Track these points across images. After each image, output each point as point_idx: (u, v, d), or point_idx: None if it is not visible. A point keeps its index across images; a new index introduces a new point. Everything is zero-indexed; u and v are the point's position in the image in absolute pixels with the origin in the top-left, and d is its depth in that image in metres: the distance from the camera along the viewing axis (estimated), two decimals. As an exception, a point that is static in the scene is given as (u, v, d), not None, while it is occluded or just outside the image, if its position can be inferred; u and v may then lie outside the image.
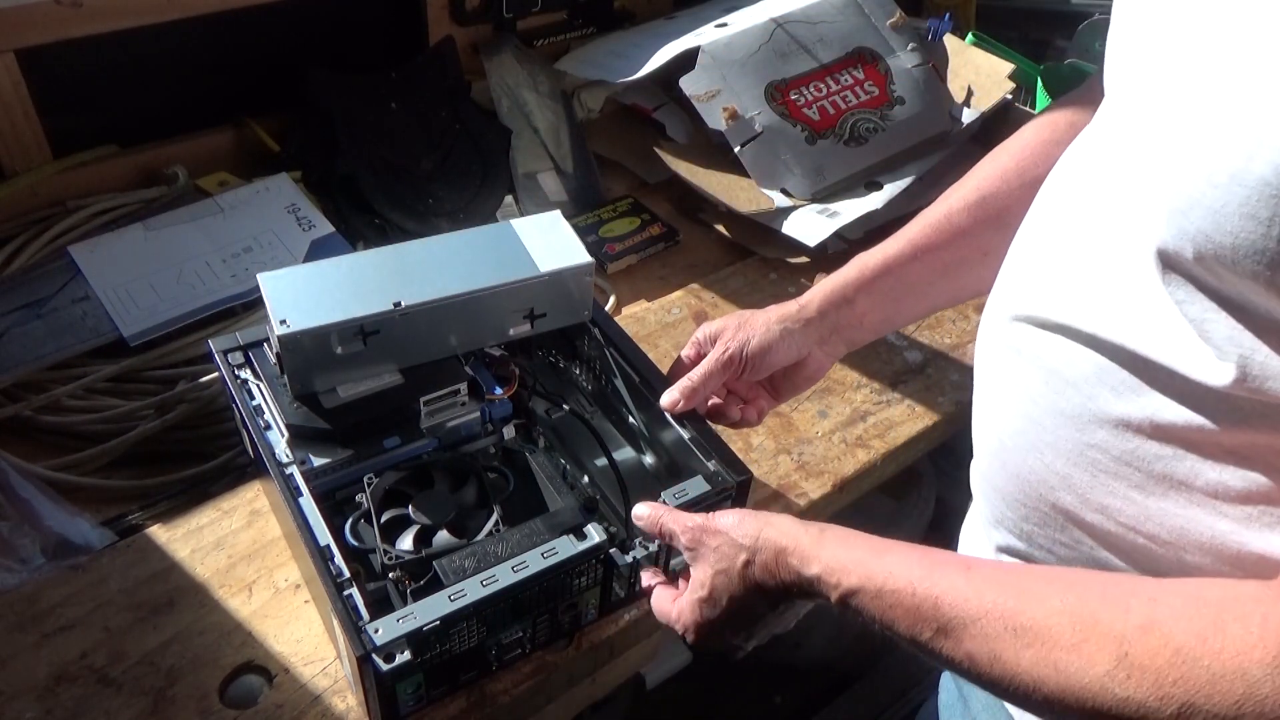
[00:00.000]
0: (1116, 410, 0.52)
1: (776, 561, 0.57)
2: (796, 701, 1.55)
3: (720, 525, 0.61)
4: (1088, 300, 0.54)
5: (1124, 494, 0.53)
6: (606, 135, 1.29)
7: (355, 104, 1.15)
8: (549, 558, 0.66)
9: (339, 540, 0.66)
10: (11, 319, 0.90)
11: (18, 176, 1.03)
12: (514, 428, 0.83)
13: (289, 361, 0.73)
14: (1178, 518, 0.51)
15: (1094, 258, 0.54)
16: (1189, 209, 0.45)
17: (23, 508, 0.77)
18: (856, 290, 0.77)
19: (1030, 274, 0.59)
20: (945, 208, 0.76)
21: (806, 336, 0.77)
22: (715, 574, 0.60)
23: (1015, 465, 0.59)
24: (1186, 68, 0.47)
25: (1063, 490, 0.56)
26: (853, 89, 1.23)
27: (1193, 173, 0.44)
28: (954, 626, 0.48)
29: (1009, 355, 0.60)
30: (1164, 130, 0.48)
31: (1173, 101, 0.48)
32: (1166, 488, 0.51)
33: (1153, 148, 0.48)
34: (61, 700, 0.67)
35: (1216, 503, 0.50)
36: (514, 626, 0.68)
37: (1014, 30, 1.60)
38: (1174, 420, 0.49)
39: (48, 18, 0.97)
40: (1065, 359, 0.55)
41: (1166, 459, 0.50)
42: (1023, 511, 0.60)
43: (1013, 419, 0.59)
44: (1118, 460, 0.52)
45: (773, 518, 0.60)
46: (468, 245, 0.82)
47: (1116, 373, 0.52)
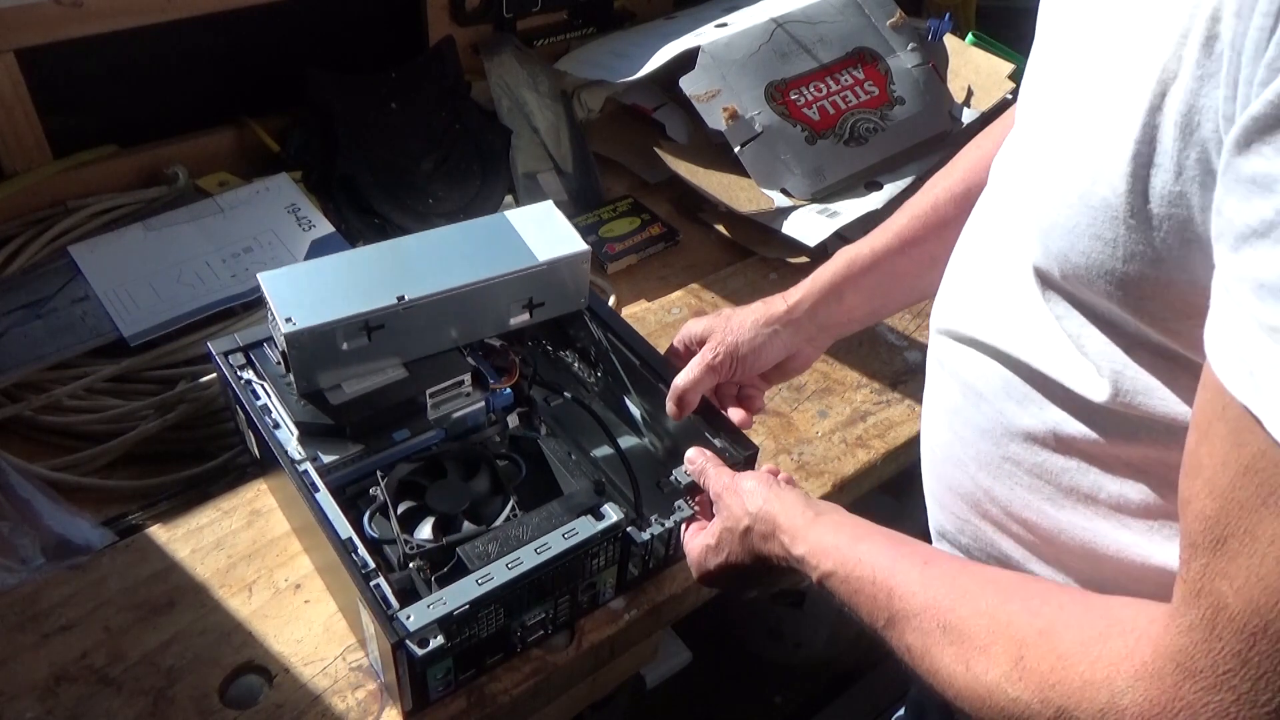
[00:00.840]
0: (1022, 423, 0.54)
1: (771, 535, 0.60)
2: (796, 701, 1.55)
3: (740, 486, 0.64)
4: (989, 315, 0.56)
5: (1038, 507, 0.55)
6: (606, 135, 1.29)
7: (355, 104, 1.15)
8: (570, 538, 0.68)
9: (359, 533, 0.67)
10: (11, 319, 0.90)
11: (18, 176, 1.03)
12: (517, 416, 0.83)
13: (295, 359, 0.73)
14: (1086, 530, 0.52)
15: (993, 274, 0.56)
16: (1050, 230, 0.47)
17: (23, 508, 0.77)
18: (845, 286, 0.77)
19: (950, 288, 0.61)
20: (931, 199, 0.76)
21: (795, 335, 0.78)
22: (723, 529, 0.64)
23: (946, 477, 0.61)
24: (1058, 96, 0.49)
25: (987, 502, 0.58)
26: (853, 89, 1.23)
27: (1052, 195, 0.47)
28: (899, 618, 0.49)
29: (935, 367, 0.62)
30: (1036, 155, 0.50)
31: (1044, 128, 0.50)
32: (1075, 501, 0.52)
33: (1028, 171, 0.51)
34: (61, 700, 0.67)
35: (1120, 515, 0.51)
36: (536, 608, 0.69)
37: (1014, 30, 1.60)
38: (1072, 434, 0.51)
39: (48, 18, 0.97)
40: (977, 372, 0.57)
41: (1071, 472, 0.52)
42: (957, 523, 0.62)
43: (940, 431, 0.61)
44: (1030, 473, 0.54)
45: (784, 492, 0.62)
46: (465, 238, 0.83)
47: (1020, 386, 0.53)
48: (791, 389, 0.97)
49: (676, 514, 0.73)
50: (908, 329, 1.05)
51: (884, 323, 1.06)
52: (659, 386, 0.81)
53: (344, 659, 0.71)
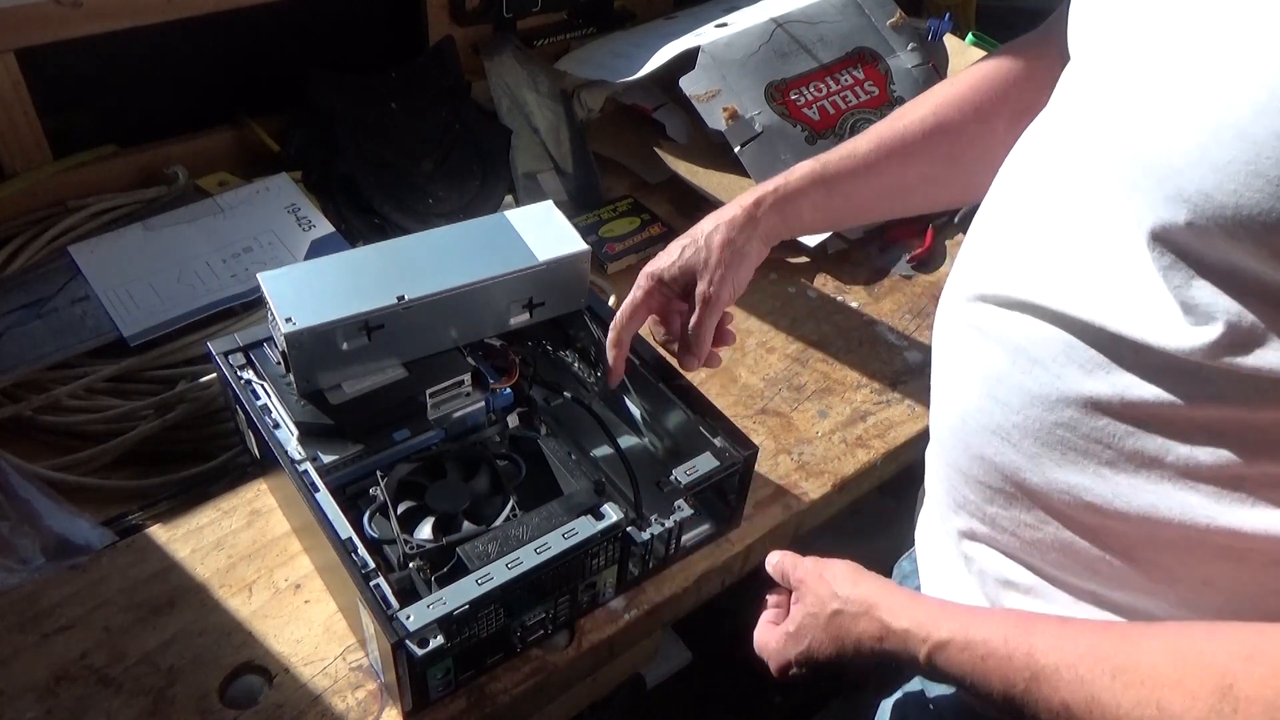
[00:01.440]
0: (1085, 388, 0.51)
1: (865, 614, 0.57)
2: (796, 701, 1.55)
3: (827, 572, 0.61)
4: (1057, 277, 0.53)
5: (1094, 471, 0.52)
6: (606, 135, 1.29)
7: (355, 104, 1.15)
8: (570, 538, 0.68)
9: (359, 533, 0.68)
10: (11, 319, 0.90)
11: (18, 176, 1.03)
12: (517, 416, 0.83)
13: (295, 359, 0.74)
14: (1148, 494, 0.50)
15: (1065, 232, 0.53)
16: (1187, 168, 0.43)
17: (23, 508, 0.77)
18: (805, 205, 0.78)
19: (995, 252, 0.59)
20: (901, 128, 0.76)
21: (759, 243, 0.79)
22: (806, 615, 0.61)
23: (979, 445, 0.58)
24: (1172, 25, 0.46)
25: (1029, 470, 0.55)
26: (853, 89, 1.23)
27: (1191, 130, 0.43)
28: (1048, 674, 0.46)
29: (971, 335, 0.59)
30: (1151, 90, 0.47)
31: (1158, 60, 0.47)
32: (1136, 465, 0.50)
33: (1138, 110, 0.47)
34: (61, 700, 0.67)
35: (1187, 479, 0.49)
36: (536, 608, 0.69)
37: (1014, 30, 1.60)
38: (1144, 397, 0.49)
39: (48, 18, 0.97)
40: (1032, 337, 0.54)
41: (1137, 436, 0.50)
42: (985, 493, 0.59)
43: (975, 399, 0.59)
44: (1086, 438, 0.52)
45: (876, 576, 0.59)
46: (465, 237, 0.83)
47: (1085, 350, 0.51)
48: (791, 389, 0.97)
49: (676, 514, 0.73)
50: (908, 329, 1.05)
51: (884, 322, 1.06)
52: (659, 386, 0.81)
53: (344, 659, 0.71)
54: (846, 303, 1.08)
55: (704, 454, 0.76)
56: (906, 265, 1.15)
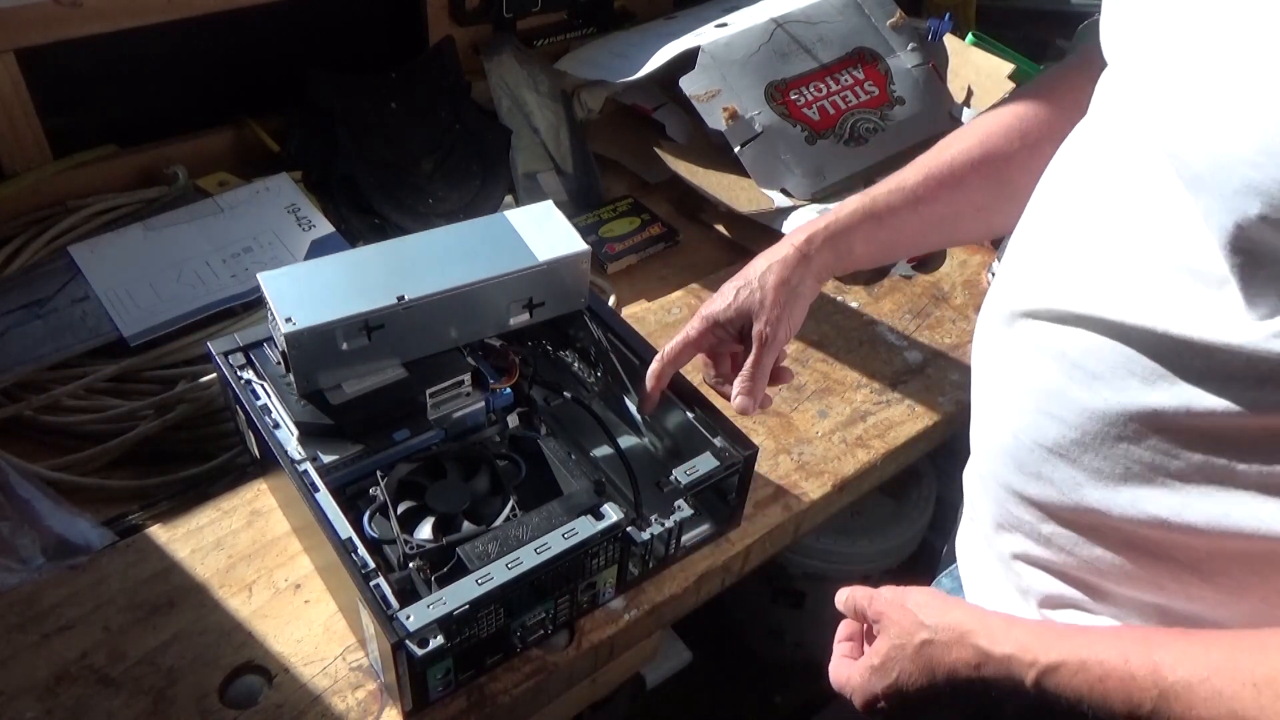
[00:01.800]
0: (1149, 400, 0.50)
1: (960, 642, 0.54)
2: (796, 701, 1.55)
3: (909, 601, 0.59)
4: (1113, 285, 0.52)
5: (1160, 484, 0.51)
6: (606, 135, 1.29)
7: (355, 104, 1.15)
8: (570, 538, 0.68)
9: (359, 533, 0.67)
10: (11, 319, 0.90)
11: (18, 176, 1.03)
12: (517, 416, 0.83)
13: (295, 359, 0.74)
14: (1218, 505, 0.49)
15: (1120, 239, 0.52)
16: (1259, 158, 0.42)
17: (23, 508, 0.77)
18: (856, 239, 0.77)
19: (1042, 267, 0.58)
20: (948, 159, 0.75)
21: (812, 281, 0.78)
22: (892, 646, 0.58)
23: (1034, 464, 0.57)
24: (1216, 20, 0.45)
25: (1089, 486, 0.54)
26: (853, 89, 1.23)
27: (1259, 119, 0.42)
28: (1179, 690, 0.44)
29: (1020, 352, 0.58)
30: (1205, 85, 0.46)
31: (1206, 55, 0.46)
32: (1205, 476, 0.49)
33: (1195, 106, 0.46)
34: (61, 700, 0.67)
35: (1258, 489, 0.48)
36: (536, 608, 0.69)
37: (1014, 30, 1.60)
38: (1210, 407, 0.48)
39: (48, 18, 0.97)
40: (1089, 351, 0.53)
41: (1204, 446, 0.49)
42: (1040, 513, 0.58)
43: (1028, 416, 0.57)
44: (1153, 450, 0.51)
45: (963, 603, 0.58)
46: (465, 237, 0.83)
47: (1146, 361, 0.50)
48: (791, 389, 0.97)
49: (676, 514, 0.73)
50: (908, 329, 1.05)
51: (884, 322, 1.06)
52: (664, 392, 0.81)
53: (344, 659, 0.71)
54: (846, 303, 1.08)
55: (704, 454, 0.76)
56: (906, 265, 1.15)
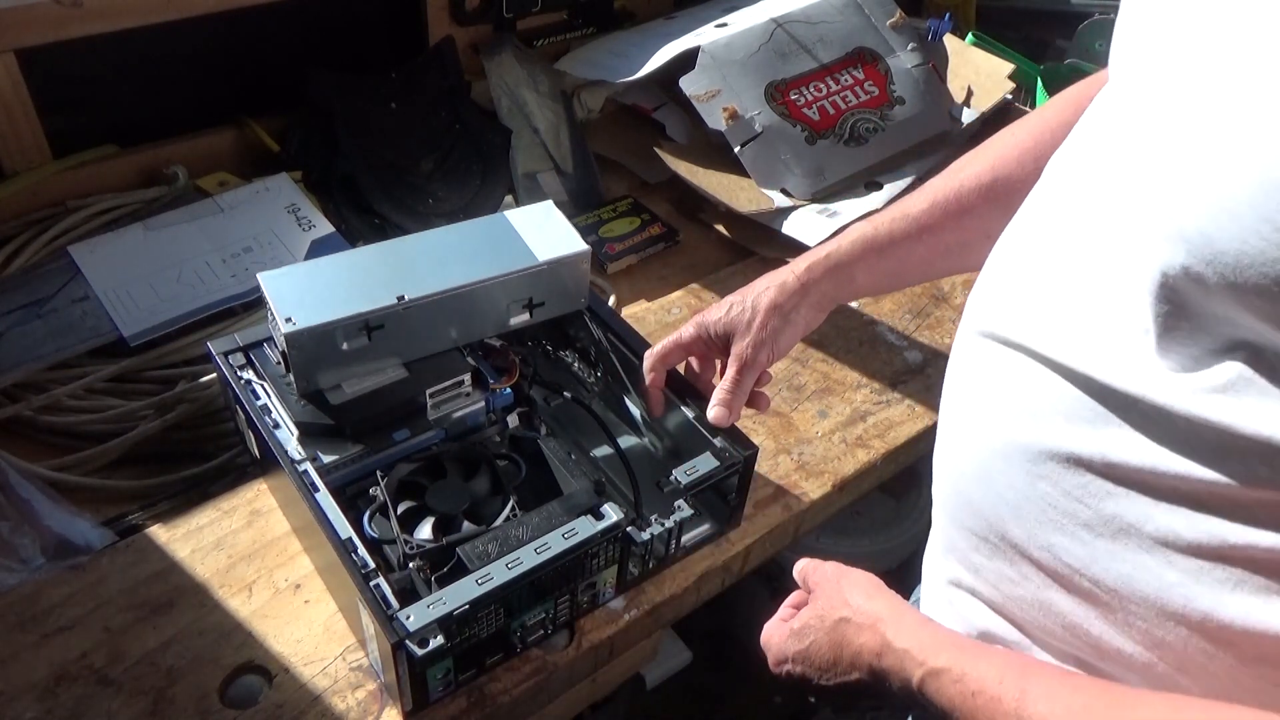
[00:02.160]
0: (1069, 444, 0.49)
1: (871, 627, 0.55)
2: (796, 701, 1.55)
3: (844, 580, 0.60)
4: (1055, 320, 0.50)
5: (1072, 532, 0.50)
6: (606, 135, 1.29)
7: (355, 104, 1.15)
8: (570, 538, 0.68)
9: (359, 533, 0.68)
10: (11, 319, 0.90)
11: (18, 176, 1.03)
12: (517, 416, 0.83)
13: (295, 359, 0.74)
14: (1125, 563, 0.48)
15: (1069, 271, 0.50)
16: (1190, 204, 0.40)
17: (23, 508, 0.77)
18: (857, 267, 0.76)
19: (1003, 289, 0.56)
20: (956, 185, 0.73)
21: (811, 310, 0.77)
22: (814, 616, 0.60)
23: (968, 491, 0.57)
24: (1204, 55, 0.42)
25: (1012, 522, 0.53)
26: (853, 89, 1.23)
27: (1200, 163, 0.40)
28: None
29: (973, 372, 0.57)
30: (1168, 121, 0.44)
31: (1182, 89, 0.44)
32: (1114, 530, 0.48)
33: (1152, 141, 0.44)
34: (61, 700, 0.67)
35: (1166, 551, 0.46)
36: (536, 608, 0.69)
37: (1014, 30, 1.60)
38: (1126, 459, 0.47)
39: (48, 18, 0.97)
40: (1024, 383, 0.52)
41: (1118, 498, 0.47)
42: (972, 541, 0.57)
43: (969, 442, 0.57)
44: (1067, 495, 0.50)
45: (895, 596, 0.58)
46: (465, 237, 0.83)
47: (1074, 402, 0.49)
48: (791, 389, 0.97)
49: (676, 514, 0.73)
50: (908, 329, 1.05)
51: (884, 322, 1.06)
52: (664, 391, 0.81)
53: (344, 659, 0.71)
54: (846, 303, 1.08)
55: (704, 454, 0.76)
56: (906, 265, 1.15)
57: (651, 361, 0.79)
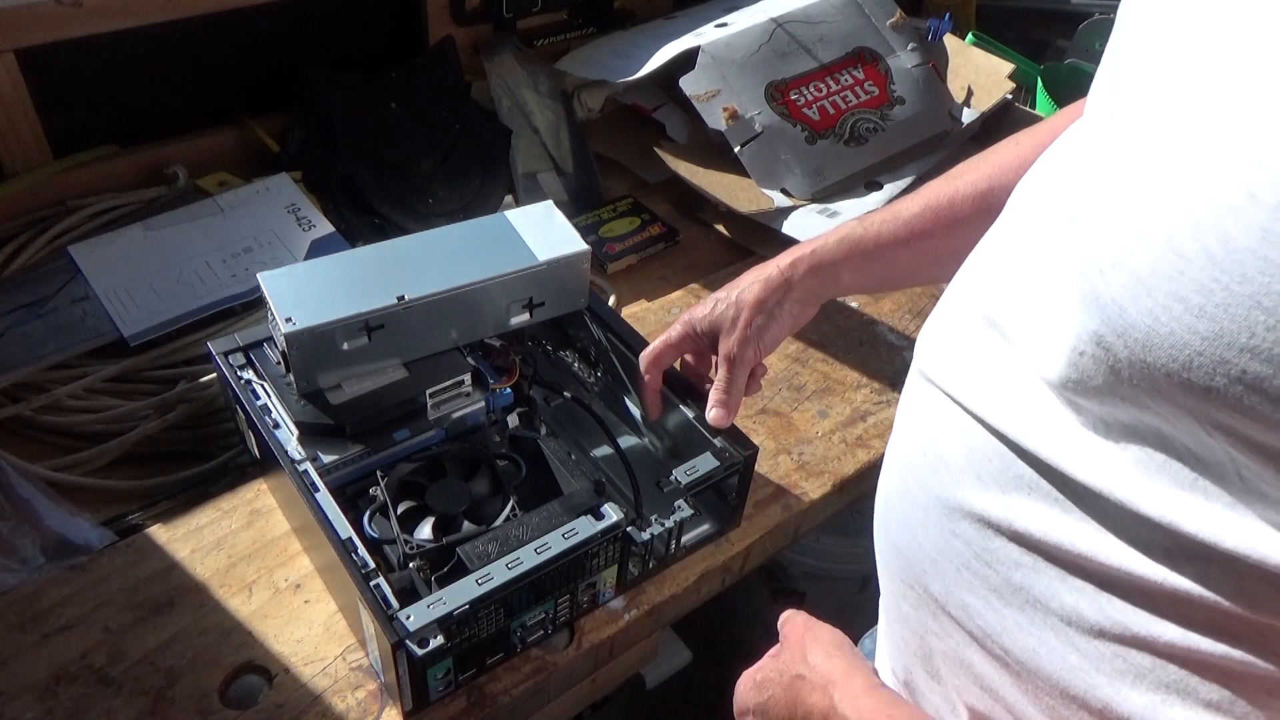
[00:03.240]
0: (979, 503, 0.47)
1: (822, 688, 0.55)
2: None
3: (809, 635, 0.59)
4: (980, 372, 0.48)
5: (983, 595, 0.48)
6: (606, 135, 1.29)
7: (355, 104, 1.15)
8: (570, 538, 0.68)
9: (359, 533, 0.68)
10: (11, 319, 0.90)
11: (18, 176, 1.03)
12: (517, 416, 0.83)
13: (295, 359, 0.74)
14: (1031, 637, 0.46)
15: (1001, 322, 0.47)
16: (1108, 269, 0.37)
17: (23, 508, 0.77)
18: (843, 268, 0.74)
19: (942, 327, 0.54)
20: (951, 192, 0.71)
21: (797, 305, 0.76)
22: (774, 669, 0.59)
23: (895, 535, 0.55)
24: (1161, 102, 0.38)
25: (932, 575, 0.51)
26: (853, 89, 1.23)
27: (1124, 225, 0.37)
28: None
29: (910, 412, 0.55)
30: (1108, 173, 0.40)
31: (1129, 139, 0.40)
32: (1022, 600, 0.46)
33: (1090, 195, 0.41)
34: (61, 700, 0.67)
35: (1070, 631, 0.44)
36: (536, 608, 0.69)
37: (1014, 30, 1.60)
38: (1031, 530, 0.44)
39: (48, 18, 0.97)
40: (946, 433, 0.50)
41: (1025, 568, 0.45)
42: (900, 588, 0.55)
43: (896, 486, 0.55)
44: (978, 557, 0.47)
45: (855, 659, 0.57)
46: (465, 237, 0.83)
47: (989, 462, 0.46)
48: (791, 389, 0.97)
49: (676, 514, 0.73)
50: (908, 329, 1.05)
51: (884, 323, 1.06)
52: (662, 390, 0.81)
53: (344, 659, 0.71)
54: (846, 303, 1.08)
55: (704, 454, 0.76)
56: (906, 265, 1.15)
57: (646, 365, 0.79)
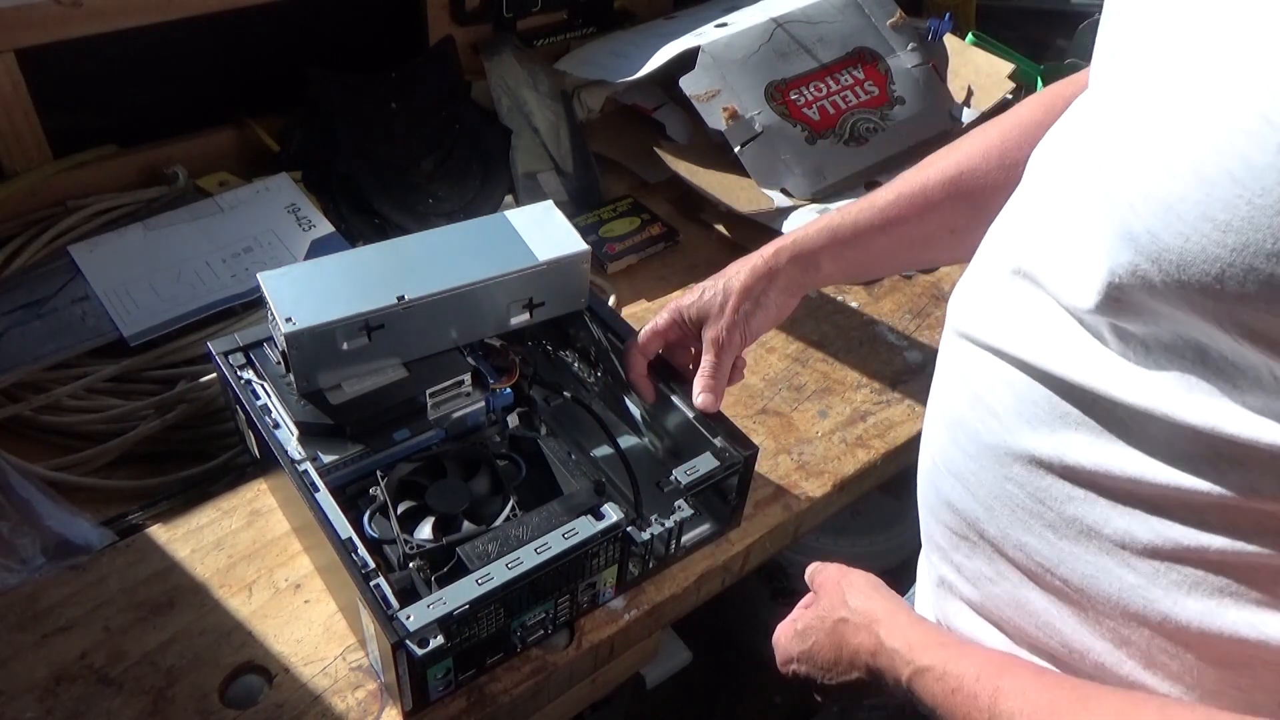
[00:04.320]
0: (1029, 445, 0.50)
1: (866, 627, 0.57)
2: (796, 701, 1.55)
3: (845, 580, 0.61)
4: (1020, 321, 0.51)
5: (1039, 533, 0.51)
6: (606, 135, 1.29)
7: (355, 104, 1.15)
8: (570, 538, 0.68)
9: (359, 533, 0.68)
10: (11, 319, 0.90)
11: (18, 176, 1.03)
12: (517, 416, 0.83)
13: (295, 359, 0.74)
14: (1088, 564, 0.49)
15: (1035, 272, 0.51)
16: (1138, 203, 0.41)
17: (23, 508, 0.77)
18: (823, 255, 0.77)
19: (976, 288, 0.57)
20: (922, 180, 0.74)
21: (781, 294, 0.78)
22: (816, 617, 0.62)
23: (946, 489, 0.58)
24: (1165, 58, 0.43)
25: (987, 521, 0.54)
26: (853, 89, 1.23)
27: (1148, 162, 0.41)
28: (1005, 718, 0.46)
29: (950, 373, 0.58)
30: (1125, 124, 0.44)
31: (1140, 93, 0.44)
32: (1076, 532, 0.49)
33: (1112, 144, 0.45)
34: (61, 700, 0.67)
35: (1124, 553, 0.47)
36: (536, 608, 0.69)
37: (1014, 30, 1.60)
38: (1081, 463, 0.47)
39: (48, 18, 0.97)
40: (990, 384, 0.53)
41: (1078, 501, 0.48)
42: (952, 540, 0.58)
43: (943, 440, 0.58)
44: (1032, 497, 0.51)
45: (893, 596, 0.59)
46: (465, 237, 0.83)
47: (1035, 404, 0.49)
48: (791, 389, 0.97)
49: (676, 514, 0.73)
50: (908, 329, 1.05)
51: (884, 322, 1.06)
52: (659, 386, 0.81)
53: (344, 659, 0.71)
54: (846, 303, 1.08)
55: (704, 454, 0.76)
56: (906, 265, 1.15)
57: (633, 354, 0.80)
